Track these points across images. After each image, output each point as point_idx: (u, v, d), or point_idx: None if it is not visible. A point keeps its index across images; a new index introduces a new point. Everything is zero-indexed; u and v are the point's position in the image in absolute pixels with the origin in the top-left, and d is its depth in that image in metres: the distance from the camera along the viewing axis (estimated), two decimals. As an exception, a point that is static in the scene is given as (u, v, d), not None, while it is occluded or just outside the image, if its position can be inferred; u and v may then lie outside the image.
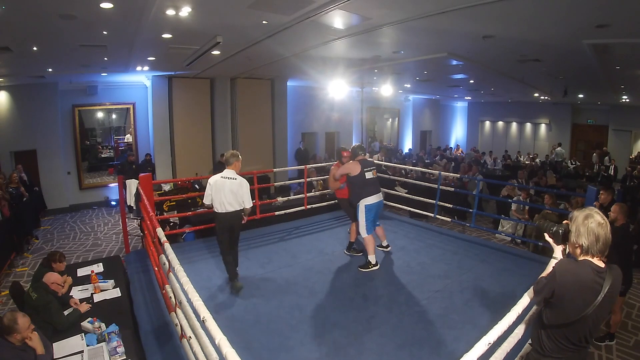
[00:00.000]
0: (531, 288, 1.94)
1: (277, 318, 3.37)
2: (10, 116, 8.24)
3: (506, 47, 5.60)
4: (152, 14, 3.88)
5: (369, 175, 4.43)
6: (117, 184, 5.68)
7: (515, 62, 6.77)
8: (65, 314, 3.11)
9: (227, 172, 3.89)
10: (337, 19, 4.41)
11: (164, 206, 6.30)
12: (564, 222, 1.88)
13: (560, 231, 1.87)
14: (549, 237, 1.94)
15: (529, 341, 2.15)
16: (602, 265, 1.70)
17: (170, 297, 2.77)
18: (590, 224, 1.67)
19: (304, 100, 12.19)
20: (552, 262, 1.90)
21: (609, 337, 3.79)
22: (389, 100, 14.10)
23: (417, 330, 3.16)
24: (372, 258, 4.41)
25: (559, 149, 14.28)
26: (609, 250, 3.86)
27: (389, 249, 4.94)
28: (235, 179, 3.87)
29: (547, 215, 5.92)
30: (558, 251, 1.93)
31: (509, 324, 1.86)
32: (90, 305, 3.39)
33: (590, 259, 1.70)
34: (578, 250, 1.73)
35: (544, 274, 1.86)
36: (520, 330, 2.10)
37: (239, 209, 3.91)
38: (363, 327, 3.22)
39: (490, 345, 1.70)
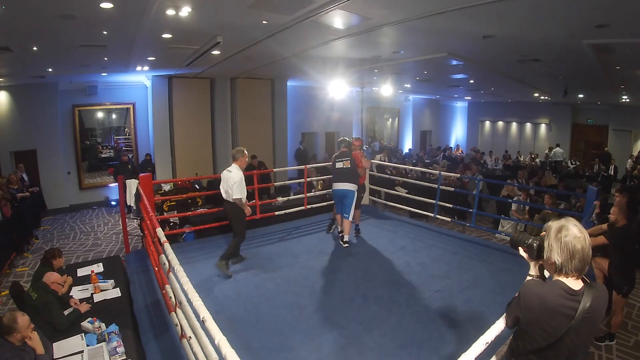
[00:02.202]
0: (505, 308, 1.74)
1: (277, 318, 3.36)
2: (10, 116, 8.24)
3: (506, 47, 5.60)
4: (152, 14, 3.88)
5: (339, 165, 5.04)
6: (117, 184, 5.68)
7: (515, 62, 6.77)
8: (65, 314, 3.11)
9: (231, 166, 4.33)
10: (337, 19, 4.41)
11: (164, 206, 6.30)
12: (542, 234, 1.59)
13: (535, 244, 1.61)
14: (524, 251, 1.68)
15: None
16: (577, 285, 1.46)
17: (170, 297, 2.77)
18: (564, 237, 1.43)
19: (304, 100, 12.19)
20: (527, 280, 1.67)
21: (609, 337, 3.78)
22: (389, 100, 14.11)
23: (417, 330, 3.16)
24: (346, 237, 5.09)
25: (557, 149, 14.27)
26: (612, 251, 3.84)
27: (340, 234, 5.24)
28: (231, 171, 4.26)
29: (547, 216, 5.92)
30: (533, 268, 1.68)
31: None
32: (90, 305, 3.38)
33: (564, 279, 1.47)
34: (552, 268, 1.51)
35: (517, 294, 1.65)
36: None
37: (230, 199, 4.25)
38: (363, 327, 3.21)
39: (488, 344, 1.70)
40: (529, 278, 1.67)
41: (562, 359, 1.51)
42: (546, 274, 1.70)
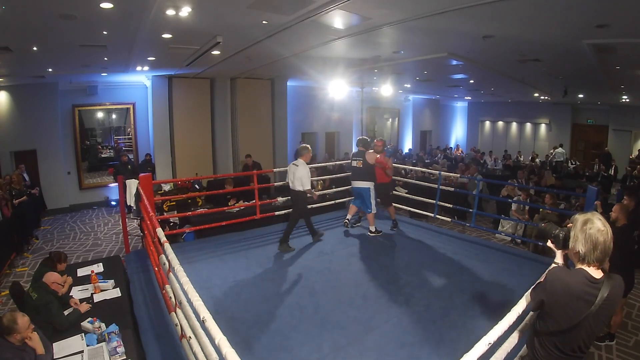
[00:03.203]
0: (529, 291, 1.88)
1: (277, 318, 3.36)
2: (10, 116, 8.24)
3: (506, 47, 5.60)
4: (152, 14, 3.88)
5: (354, 163, 5.53)
6: (117, 184, 5.68)
7: (515, 62, 6.77)
8: (65, 314, 3.11)
9: (297, 160, 5.00)
10: (337, 19, 4.41)
11: (164, 206, 6.30)
12: (568, 225, 1.72)
13: (561, 235, 1.75)
14: (551, 242, 1.82)
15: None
16: (598, 274, 1.59)
17: (170, 297, 2.77)
18: (589, 229, 1.55)
19: (304, 100, 12.18)
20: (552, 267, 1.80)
21: (609, 337, 3.79)
22: (389, 100, 14.10)
23: (417, 330, 3.16)
24: (371, 228, 5.57)
25: (558, 149, 14.28)
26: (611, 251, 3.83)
27: (347, 225, 5.86)
28: (298, 165, 4.92)
29: (547, 216, 5.92)
30: (559, 256, 1.82)
31: (509, 324, 1.85)
32: (90, 305, 3.38)
33: (587, 268, 1.59)
34: (576, 258, 1.63)
35: (542, 278, 1.80)
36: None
37: (297, 189, 4.92)
38: (363, 327, 3.22)
39: (490, 345, 1.70)
40: (553, 265, 1.79)
41: (580, 341, 1.62)
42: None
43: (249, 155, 8.83)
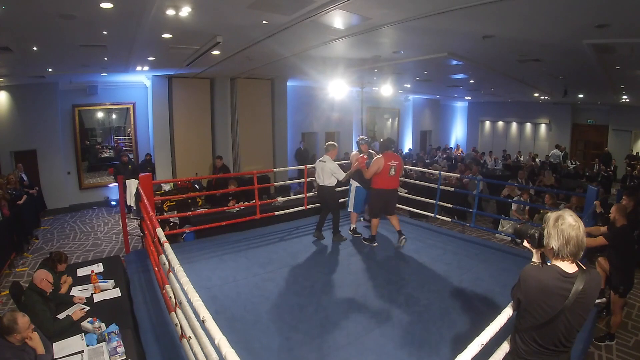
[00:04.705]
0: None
1: (277, 318, 3.36)
2: (10, 116, 8.24)
3: (506, 47, 5.60)
4: (152, 14, 3.88)
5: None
6: (117, 184, 5.69)
7: (515, 62, 6.77)
8: (61, 318, 3.06)
9: (324, 157, 5.19)
10: (337, 19, 4.41)
11: (164, 206, 6.30)
12: (543, 225, 1.75)
13: (536, 234, 1.78)
14: (527, 242, 1.85)
15: None
16: (572, 269, 1.63)
17: (170, 297, 2.77)
18: (560, 225, 1.60)
19: (304, 100, 12.19)
20: None
21: (609, 337, 3.79)
22: (389, 100, 14.10)
23: (417, 330, 3.17)
24: (351, 225, 5.65)
25: (554, 150, 14.24)
26: (610, 251, 3.84)
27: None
28: (325, 162, 5.12)
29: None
30: (535, 256, 1.84)
31: (501, 325, 1.86)
32: (84, 312, 3.26)
33: (560, 263, 1.64)
34: (550, 254, 1.68)
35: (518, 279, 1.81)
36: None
37: (326, 184, 5.13)
38: (363, 327, 3.22)
39: (483, 346, 1.71)
40: (530, 264, 1.81)
41: (559, 335, 1.66)
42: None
43: (219, 157, 8.84)
